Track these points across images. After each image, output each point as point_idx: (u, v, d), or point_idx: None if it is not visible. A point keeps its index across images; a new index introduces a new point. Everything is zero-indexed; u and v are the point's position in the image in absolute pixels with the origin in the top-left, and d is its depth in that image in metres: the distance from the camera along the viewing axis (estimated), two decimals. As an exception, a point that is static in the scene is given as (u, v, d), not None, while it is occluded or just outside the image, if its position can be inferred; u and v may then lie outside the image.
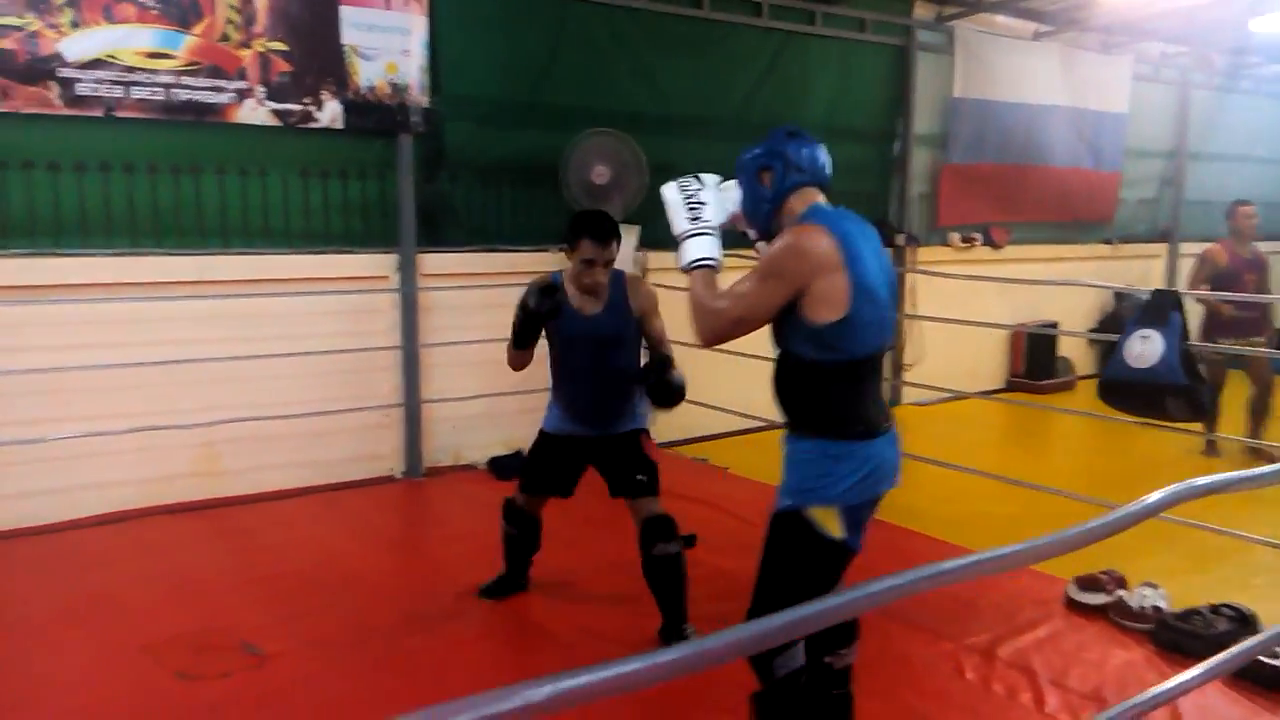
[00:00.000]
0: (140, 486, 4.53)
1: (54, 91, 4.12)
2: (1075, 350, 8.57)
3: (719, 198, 2.39)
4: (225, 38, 4.48)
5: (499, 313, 5.51)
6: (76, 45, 4.15)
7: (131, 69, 4.28)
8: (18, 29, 4.03)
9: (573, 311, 3.37)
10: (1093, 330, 8.64)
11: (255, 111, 4.59)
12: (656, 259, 5.83)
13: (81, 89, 4.17)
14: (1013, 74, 7.74)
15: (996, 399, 7.79)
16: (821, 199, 2.33)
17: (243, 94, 4.56)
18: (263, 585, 3.73)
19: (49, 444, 4.23)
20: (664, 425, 5.91)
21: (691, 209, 2.35)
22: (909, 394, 7.17)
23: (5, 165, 4.19)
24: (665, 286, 5.77)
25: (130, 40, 4.26)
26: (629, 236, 5.50)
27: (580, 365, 3.37)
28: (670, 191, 2.41)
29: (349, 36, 4.79)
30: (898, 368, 7.30)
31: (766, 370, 2.40)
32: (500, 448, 5.50)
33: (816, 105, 6.86)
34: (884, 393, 2.43)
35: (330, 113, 4.80)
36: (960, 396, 6.41)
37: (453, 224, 5.48)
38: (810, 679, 2.33)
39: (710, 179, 2.43)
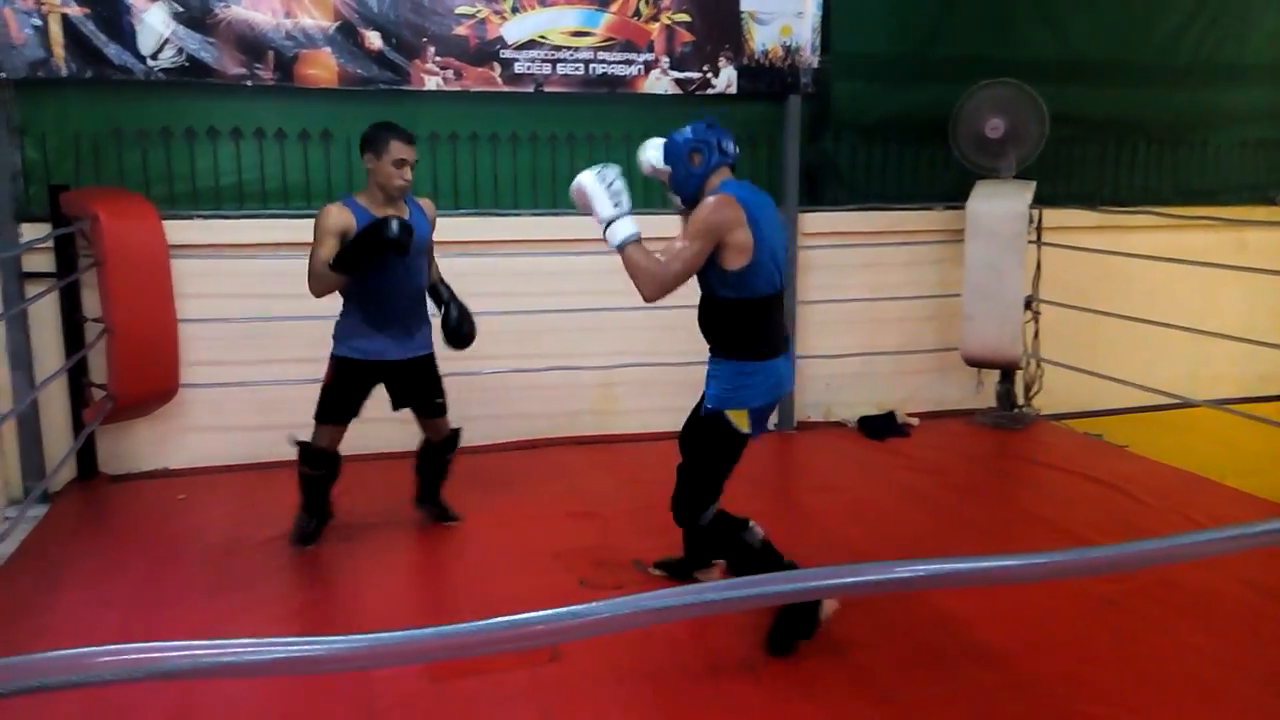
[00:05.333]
0: (552, 419, 5.16)
1: (496, 71, 4.76)
2: None
3: (625, 186, 2.89)
4: (637, 13, 4.87)
5: (878, 272, 5.53)
6: (515, 28, 4.75)
7: (558, 47, 4.81)
8: (470, 17, 4.69)
9: None
10: None
11: (659, 81, 4.96)
12: (1053, 217, 5.46)
13: (518, 68, 4.78)
14: None
15: None
16: (730, 175, 2.96)
17: (649, 65, 4.94)
18: (648, 513, 4.10)
19: (484, 377, 4.95)
20: (1051, 397, 5.58)
21: (612, 195, 2.85)
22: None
23: (456, 137, 4.92)
24: (1057, 245, 5.42)
25: (558, 21, 4.79)
26: (1024, 193, 5.20)
27: (390, 280, 3.43)
28: (587, 180, 2.88)
29: (747, 3, 4.99)
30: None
31: (1174, 339, 2.23)
32: (871, 407, 5.52)
33: (1259, 42, 5.98)
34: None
35: (725, 78, 5.05)
36: None
37: (834, 183, 5.54)
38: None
39: (616, 167, 2.91)
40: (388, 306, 3.49)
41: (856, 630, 3.07)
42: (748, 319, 2.91)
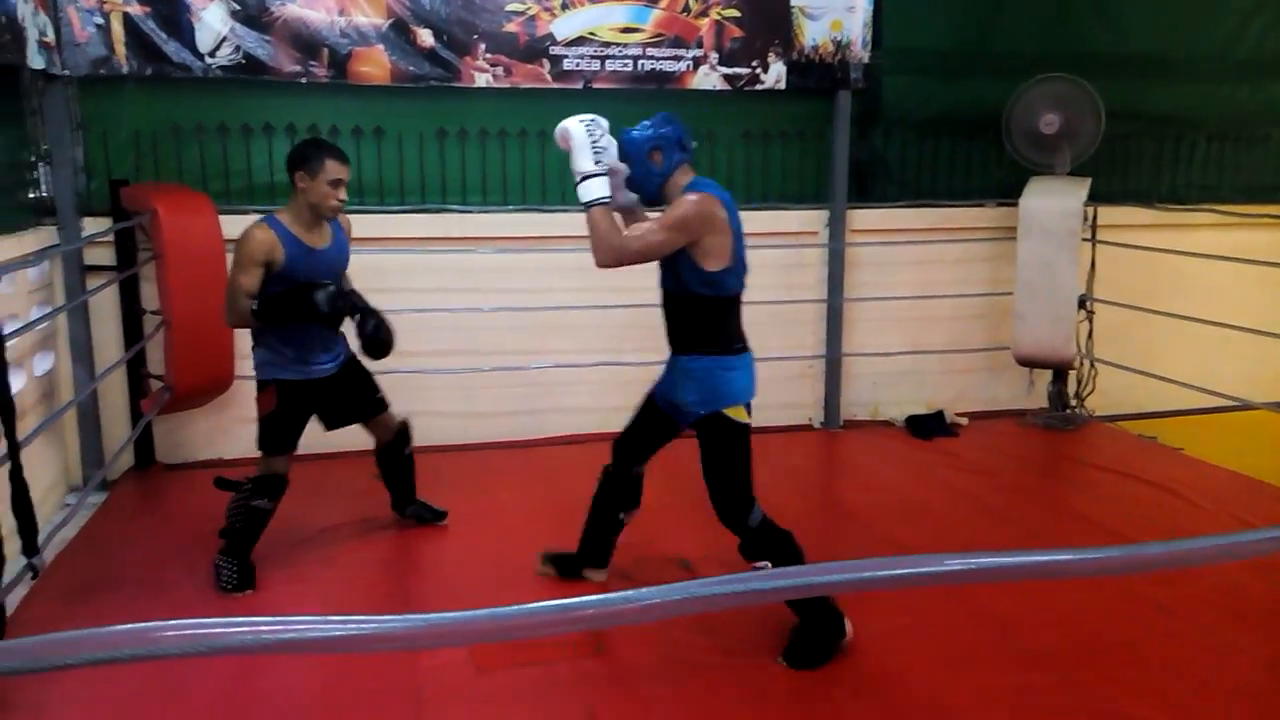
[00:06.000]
0: (595, 414, 5.17)
1: (545, 68, 4.78)
2: None
3: (611, 145, 2.78)
4: (686, 9, 4.87)
5: (928, 270, 5.47)
6: (565, 25, 4.77)
7: (607, 44, 4.82)
8: (520, 14, 4.72)
9: (305, 248, 3.25)
10: None
11: (708, 77, 4.95)
12: (1109, 214, 5.36)
13: (567, 64, 4.80)
14: None
15: None
16: (693, 172, 2.88)
17: (698, 61, 4.93)
18: (693, 510, 4.07)
19: (526, 373, 4.99)
20: (1104, 399, 5.48)
21: (595, 151, 2.74)
22: None
23: (505, 134, 4.96)
24: (1112, 244, 5.31)
25: (607, 18, 4.80)
26: (1079, 189, 5.11)
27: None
28: (576, 128, 2.74)
29: (798, -2, 4.97)
30: None
31: (1232, 340, 2.18)
32: (919, 406, 5.46)
33: (1330, 34, 5.81)
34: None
35: (775, 74, 5.02)
36: None
37: (884, 179, 5.49)
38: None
39: (605, 123, 2.78)
40: (306, 337, 3.35)
41: (901, 628, 3.05)
42: (725, 315, 2.88)
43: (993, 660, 2.91)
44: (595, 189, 2.75)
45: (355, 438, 4.59)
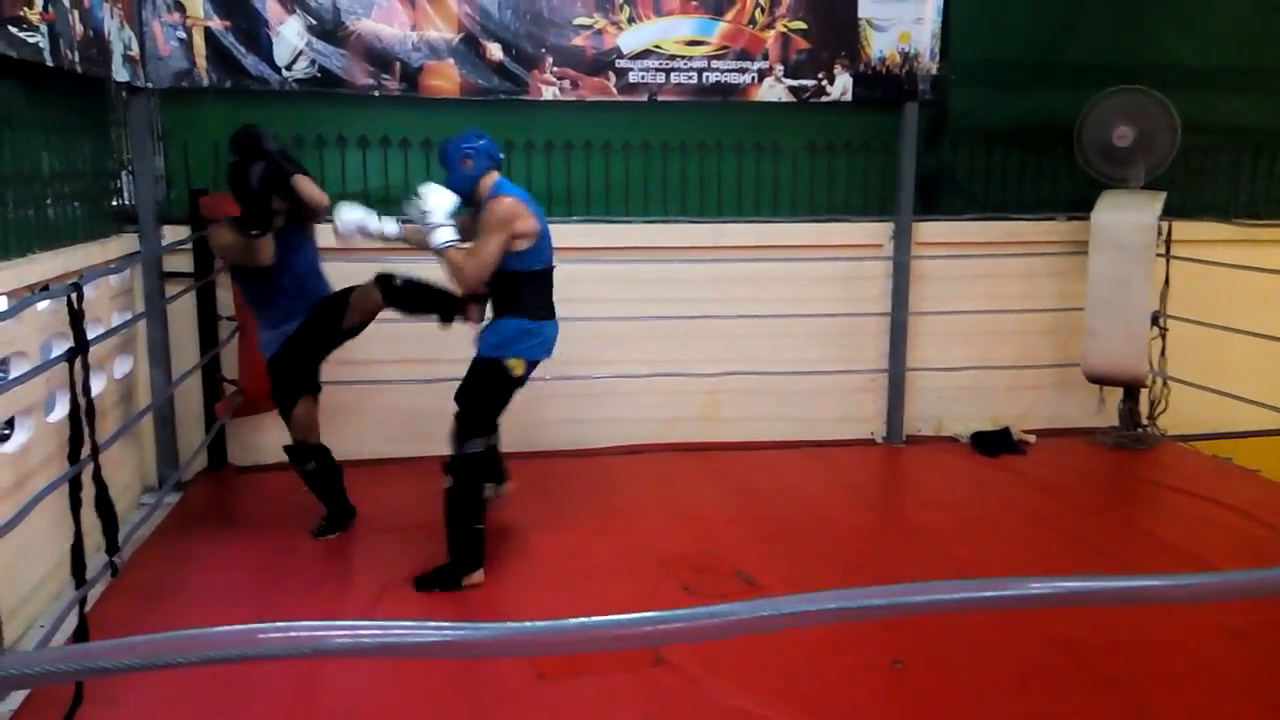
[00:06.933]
0: (655, 425, 5.19)
1: (611, 80, 4.82)
2: None
3: (437, 195, 3.37)
4: (752, 21, 4.88)
5: (995, 284, 5.39)
6: (631, 38, 4.81)
7: (672, 57, 4.85)
8: (587, 28, 4.77)
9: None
10: None
11: (773, 89, 4.95)
12: (1184, 229, 5.23)
13: (633, 77, 4.83)
14: None
15: None
16: (499, 175, 3.52)
17: (763, 73, 4.93)
18: (753, 523, 4.10)
19: (589, 381, 5.02)
20: (1178, 418, 5.34)
21: (422, 218, 3.38)
22: None
23: (571, 146, 5.01)
24: (1187, 259, 5.18)
25: (673, 30, 4.83)
26: (1153, 203, 5.00)
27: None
28: (413, 212, 3.42)
29: (865, 9, 4.93)
30: None
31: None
32: (985, 422, 5.37)
33: None
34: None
35: (841, 86, 5.00)
36: None
37: (951, 192, 5.43)
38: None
39: (426, 187, 3.42)
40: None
41: (967, 650, 3.00)
42: (528, 286, 3.48)
43: (1061, 683, 2.86)
44: (436, 239, 3.37)
45: (413, 446, 4.66)
